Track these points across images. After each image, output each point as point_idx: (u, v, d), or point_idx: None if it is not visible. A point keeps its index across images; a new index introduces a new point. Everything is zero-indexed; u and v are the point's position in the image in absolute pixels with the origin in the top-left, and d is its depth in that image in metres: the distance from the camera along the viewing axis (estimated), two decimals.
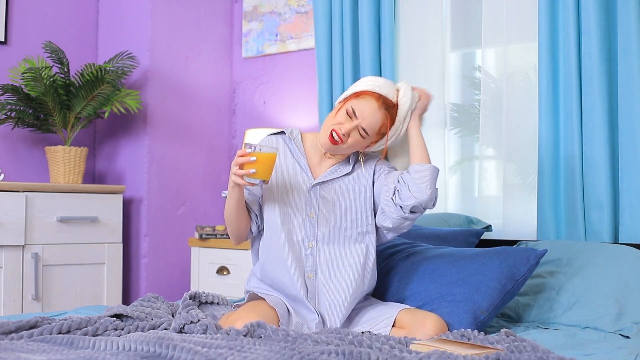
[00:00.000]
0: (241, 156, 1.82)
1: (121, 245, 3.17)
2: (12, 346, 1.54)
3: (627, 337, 1.88)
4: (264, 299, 1.93)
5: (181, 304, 1.89)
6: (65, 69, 3.12)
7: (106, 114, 3.20)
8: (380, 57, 3.01)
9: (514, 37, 2.73)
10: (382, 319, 1.90)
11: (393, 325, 1.88)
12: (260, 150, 1.83)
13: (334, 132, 1.92)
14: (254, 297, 2.00)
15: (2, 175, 2.94)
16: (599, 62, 2.43)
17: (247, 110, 3.67)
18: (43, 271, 2.89)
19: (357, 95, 1.94)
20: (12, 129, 3.14)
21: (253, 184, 1.88)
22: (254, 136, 3.21)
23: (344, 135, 1.91)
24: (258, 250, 2.08)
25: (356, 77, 3.06)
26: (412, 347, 1.58)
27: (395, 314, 1.90)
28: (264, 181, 1.87)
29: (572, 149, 2.50)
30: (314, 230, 1.97)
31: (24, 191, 2.85)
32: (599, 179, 2.44)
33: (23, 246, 2.84)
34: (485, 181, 2.87)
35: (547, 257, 2.31)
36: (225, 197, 2.07)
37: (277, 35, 3.54)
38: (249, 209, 2.02)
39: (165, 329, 1.79)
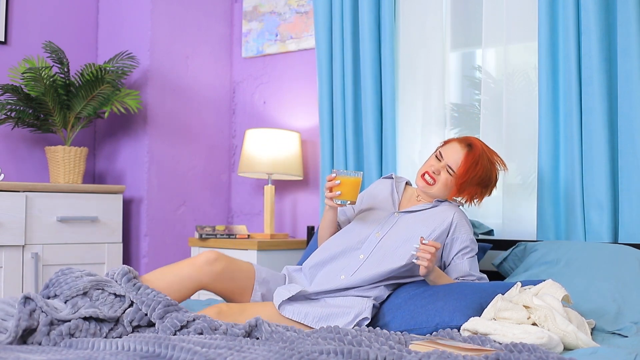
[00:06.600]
0: (329, 180, 2.11)
1: (121, 245, 3.17)
2: (11, 346, 1.54)
3: (626, 337, 1.88)
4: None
5: (121, 277, 1.86)
6: (65, 69, 3.11)
7: (106, 114, 3.20)
8: (380, 57, 3.01)
9: (514, 37, 2.73)
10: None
11: None
12: (345, 174, 2.09)
13: (426, 174, 2.21)
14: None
15: (2, 175, 2.94)
16: (599, 62, 2.43)
17: (247, 110, 3.67)
18: (43, 271, 2.89)
19: (444, 143, 2.28)
20: (12, 129, 3.14)
21: (341, 205, 2.14)
22: (254, 136, 3.22)
23: (434, 172, 2.19)
24: None
25: (356, 77, 3.06)
26: (411, 347, 1.58)
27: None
28: (350, 202, 2.11)
29: (572, 149, 2.50)
30: (372, 247, 2.16)
31: (24, 191, 2.85)
32: (599, 179, 2.44)
33: (23, 246, 2.84)
34: None
35: (547, 257, 2.30)
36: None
37: (277, 35, 3.54)
38: (340, 227, 2.35)
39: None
